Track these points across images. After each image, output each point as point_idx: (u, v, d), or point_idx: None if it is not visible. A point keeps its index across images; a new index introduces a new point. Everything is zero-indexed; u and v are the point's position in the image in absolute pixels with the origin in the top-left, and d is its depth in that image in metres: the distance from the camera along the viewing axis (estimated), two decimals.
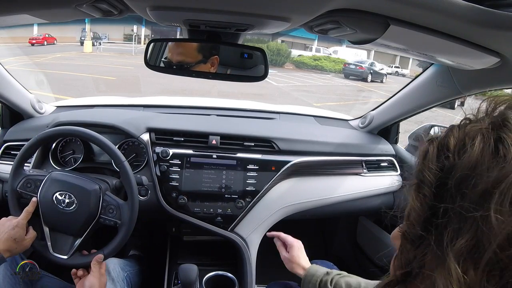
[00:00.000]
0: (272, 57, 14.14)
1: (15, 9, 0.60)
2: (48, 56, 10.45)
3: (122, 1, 0.57)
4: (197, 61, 0.85)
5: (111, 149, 0.96)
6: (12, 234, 0.87)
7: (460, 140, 0.33)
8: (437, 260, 0.31)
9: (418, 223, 0.33)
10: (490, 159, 0.30)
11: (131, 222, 0.93)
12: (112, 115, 1.20)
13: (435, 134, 0.36)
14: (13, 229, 0.88)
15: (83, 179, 0.96)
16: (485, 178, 0.29)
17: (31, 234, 0.91)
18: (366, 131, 1.41)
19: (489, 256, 0.28)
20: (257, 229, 1.16)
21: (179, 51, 0.85)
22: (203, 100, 1.78)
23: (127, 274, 1.07)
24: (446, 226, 0.31)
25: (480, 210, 0.28)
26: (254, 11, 0.59)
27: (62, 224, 0.93)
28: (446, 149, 0.33)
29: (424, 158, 0.35)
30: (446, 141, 0.34)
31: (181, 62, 0.85)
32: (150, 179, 1.11)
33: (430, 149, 0.35)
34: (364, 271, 1.53)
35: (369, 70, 12.57)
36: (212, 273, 1.17)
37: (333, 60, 15.41)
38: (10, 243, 0.86)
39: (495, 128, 0.31)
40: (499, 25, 0.54)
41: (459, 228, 0.30)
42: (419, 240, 0.33)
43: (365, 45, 0.69)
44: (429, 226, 0.32)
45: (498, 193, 0.28)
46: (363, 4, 0.54)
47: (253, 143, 1.17)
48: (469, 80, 0.90)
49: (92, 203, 0.92)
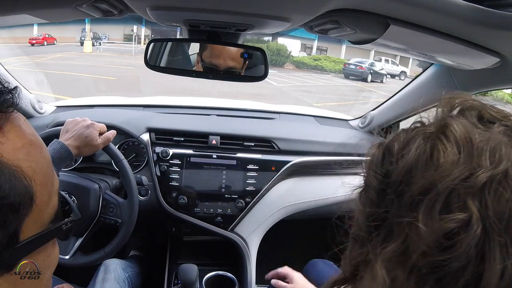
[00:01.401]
0: (272, 57, 14.08)
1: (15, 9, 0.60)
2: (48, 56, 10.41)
3: (122, 1, 0.57)
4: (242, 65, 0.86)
5: (110, 148, 0.96)
6: (85, 132, 0.89)
7: (403, 144, 0.32)
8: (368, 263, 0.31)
9: (362, 226, 0.33)
10: (423, 165, 0.29)
11: (131, 220, 0.93)
12: (112, 115, 1.20)
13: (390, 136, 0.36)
14: (87, 128, 0.90)
15: (83, 178, 0.96)
16: (416, 184, 0.29)
17: (104, 138, 0.93)
18: (366, 131, 1.41)
19: (415, 261, 0.28)
20: (257, 229, 1.16)
21: (231, 56, 0.84)
22: (203, 100, 1.78)
23: (129, 275, 1.07)
24: (380, 230, 0.31)
25: (410, 216, 0.28)
26: (254, 11, 0.59)
27: None
28: (389, 153, 0.33)
29: (370, 162, 0.35)
30: (390, 145, 0.33)
31: (232, 68, 0.85)
32: (150, 179, 1.11)
33: (375, 153, 0.34)
34: None
35: (369, 70, 12.50)
36: (212, 273, 1.17)
37: (333, 60, 15.37)
38: (81, 140, 0.89)
39: (437, 133, 0.30)
40: (499, 25, 0.54)
41: (390, 233, 0.30)
42: (363, 241, 0.33)
43: (365, 45, 0.69)
44: (370, 229, 0.32)
45: (427, 200, 0.28)
46: (363, 4, 0.54)
47: (253, 143, 1.17)
48: (469, 80, 0.90)
49: (92, 202, 0.92)
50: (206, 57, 0.86)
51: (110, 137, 0.95)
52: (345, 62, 14.04)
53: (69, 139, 0.88)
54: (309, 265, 1.10)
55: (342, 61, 15.01)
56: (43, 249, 0.34)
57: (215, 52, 0.86)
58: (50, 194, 0.33)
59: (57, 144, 0.86)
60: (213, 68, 0.86)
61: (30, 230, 0.31)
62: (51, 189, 0.34)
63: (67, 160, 0.87)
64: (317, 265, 1.09)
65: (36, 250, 0.32)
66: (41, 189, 0.31)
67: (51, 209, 0.34)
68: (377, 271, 0.30)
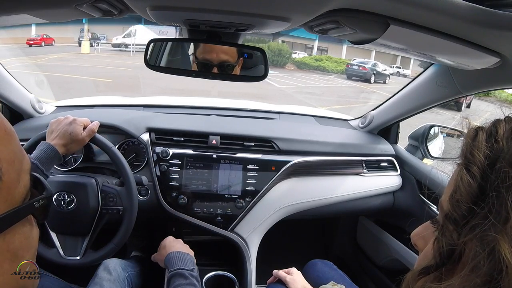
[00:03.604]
0: (273, 58, 13.98)
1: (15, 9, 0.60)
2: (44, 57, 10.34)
3: (122, 1, 0.57)
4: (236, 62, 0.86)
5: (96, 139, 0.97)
6: (69, 129, 0.91)
7: (508, 129, 0.35)
8: (495, 229, 0.31)
9: (467, 200, 0.34)
10: None
11: (132, 205, 0.95)
12: (112, 115, 1.20)
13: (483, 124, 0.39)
14: (70, 124, 0.92)
15: (79, 176, 0.96)
16: None
17: (88, 130, 0.94)
18: (366, 131, 1.41)
19: None
20: (257, 229, 1.16)
21: (223, 50, 0.86)
22: (203, 100, 1.78)
23: (128, 274, 1.06)
24: (502, 196, 0.32)
25: None
26: (254, 11, 0.59)
27: (67, 225, 0.93)
28: (495, 134, 0.35)
29: (473, 140, 0.36)
30: (495, 128, 0.36)
31: (225, 62, 0.86)
32: (150, 179, 1.11)
33: (480, 133, 0.37)
34: (364, 271, 1.53)
35: (372, 71, 12.41)
36: (212, 273, 1.17)
37: (335, 61, 15.24)
38: (66, 137, 0.90)
39: None
40: (499, 25, 0.54)
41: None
42: (464, 219, 0.34)
43: (365, 45, 0.69)
44: (479, 201, 0.33)
45: None
46: (363, 4, 0.54)
47: (253, 143, 1.17)
48: (469, 80, 0.90)
49: (91, 197, 0.93)
50: (199, 53, 0.87)
51: (93, 128, 0.96)
52: (348, 63, 13.92)
53: (55, 139, 0.90)
54: (308, 266, 1.10)
55: (344, 61, 14.88)
56: (19, 230, 0.35)
57: (207, 47, 0.86)
58: (19, 172, 0.34)
59: (44, 145, 0.87)
60: (208, 65, 0.86)
61: (1, 208, 0.32)
62: (20, 167, 0.34)
63: (55, 160, 0.88)
64: (317, 265, 1.09)
65: (8, 228, 0.33)
66: (8, 166, 0.32)
67: (22, 188, 0.34)
68: (500, 249, 0.30)
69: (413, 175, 1.29)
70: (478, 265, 0.31)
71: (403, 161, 1.33)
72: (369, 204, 1.30)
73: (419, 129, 1.33)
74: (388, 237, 1.36)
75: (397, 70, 14.06)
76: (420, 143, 1.31)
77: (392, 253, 1.33)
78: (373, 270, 1.47)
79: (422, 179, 1.25)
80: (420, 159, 1.33)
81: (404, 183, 1.32)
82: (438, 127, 1.34)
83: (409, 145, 1.38)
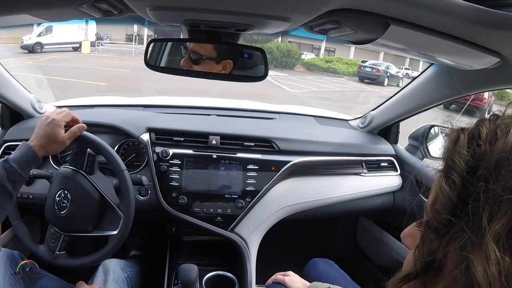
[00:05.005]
0: (282, 59, 13.28)
1: (15, 9, 0.60)
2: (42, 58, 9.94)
3: (122, 1, 0.57)
4: (210, 57, 0.83)
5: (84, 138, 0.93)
6: (47, 130, 0.85)
7: (491, 131, 0.33)
8: (471, 244, 0.30)
9: (446, 210, 0.33)
10: None
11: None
12: (112, 115, 1.21)
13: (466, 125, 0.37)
14: (47, 125, 0.86)
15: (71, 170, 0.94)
16: None
17: (70, 133, 0.88)
18: (366, 131, 1.41)
19: None
20: (257, 229, 1.16)
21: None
22: (203, 100, 1.78)
23: (128, 274, 1.07)
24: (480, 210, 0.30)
25: None
26: (254, 11, 0.59)
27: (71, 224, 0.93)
28: (477, 137, 0.33)
29: (454, 144, 0.35)
30: (477, 130, 0.34)
31: (195, 51, 0.84)
32: (150, 179, 1.11)
33: (461, 136, 0.35)
34: (364, 271, 1.53)
35: (386, 73, 11.59)
36: (212, 273, 1.17)
37: (345, 62, 14.45)
38: (45, 139, 0.85)
39: None
40: (499, 25, 0.54)
41: (493, 211, 0.29)
42: (444, 228, 0.33)
43: (365, 45, 0.69)
44: (458, 212, 0.32)
45: None
46: (363, 4, 0.54)
47: (253, 143, 1.17)
48: (469, 80, 0.90)
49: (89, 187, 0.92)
50: (189, 48, 0.85)
51: (76, 131, 0.90)
52: (360, 65, 12.98)
53: (34, 140, 0.85)
54: (310, 265, 1.10)
55: (355, 63, 14.04)
56: None
57: None
58: None
59: (24, 147, 0.83)
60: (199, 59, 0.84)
61: None
62: None
63: (34, 162, 0.84)
64: (318, 264, 1.09)
65: None
66: None
67: None
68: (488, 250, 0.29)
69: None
70: (456, 279, 0.30)
71: (403, 161, 1.33)
72: (369, 204, 1.30)
73: (419, 129, 1.33)
74: (388, 237, 1.36)
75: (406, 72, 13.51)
76: (420, 143, 1.31)
77: (392, 253, 1.33)
78: (373, 270, 1.47)
79: (422, 179, 1.25)
80: (420, 159, 1.33)
81: (404, 183, 1.32)
82: (438, 127, 1.34)
83: (409, 145, 1.38)
